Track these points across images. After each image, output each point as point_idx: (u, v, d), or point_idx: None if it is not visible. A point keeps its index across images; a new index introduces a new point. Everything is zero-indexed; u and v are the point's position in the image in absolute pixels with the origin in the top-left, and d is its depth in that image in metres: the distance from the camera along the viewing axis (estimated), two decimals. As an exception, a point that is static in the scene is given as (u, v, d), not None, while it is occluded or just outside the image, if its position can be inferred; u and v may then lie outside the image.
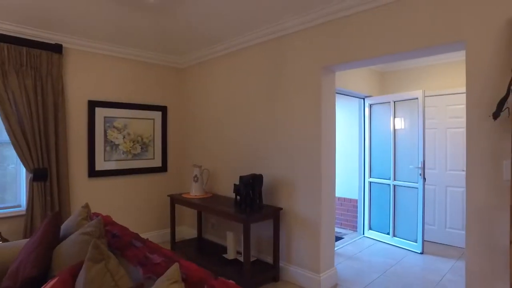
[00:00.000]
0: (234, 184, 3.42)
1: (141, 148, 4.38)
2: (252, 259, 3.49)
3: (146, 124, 4.42)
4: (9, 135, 3.25)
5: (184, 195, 4.00)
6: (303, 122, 3.23)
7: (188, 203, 3.79)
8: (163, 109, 4.60)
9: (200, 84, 4.53)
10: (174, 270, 1.40)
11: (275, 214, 3.29)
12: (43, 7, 3.20)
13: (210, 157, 4.36)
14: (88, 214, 2.36)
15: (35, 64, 3.45)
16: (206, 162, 4.42)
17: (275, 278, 3.29)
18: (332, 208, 3.24)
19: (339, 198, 5.31)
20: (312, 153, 3.15)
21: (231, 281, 1.40)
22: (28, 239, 2.42)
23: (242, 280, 2.98)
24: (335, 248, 4.25)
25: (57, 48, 3.62)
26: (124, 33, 3.90)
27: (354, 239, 4.69)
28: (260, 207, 3.31)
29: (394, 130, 4.46)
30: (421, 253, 4.09)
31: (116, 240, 2.04)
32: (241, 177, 3.26)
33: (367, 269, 3.65)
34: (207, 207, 3.52)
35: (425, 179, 4.11)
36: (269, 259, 3.48)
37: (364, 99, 4.80)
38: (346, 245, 4.47)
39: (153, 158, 4.50)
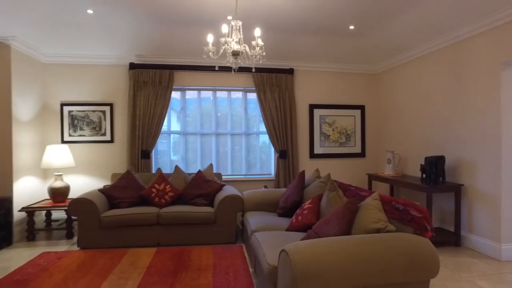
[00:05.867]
0: (420, 164, 4.30)
1: (345, 138, 5.79)
2: (434, 226, 4.28)
3: (349, 120, 5.80)
4: (266, 128, 5.29)
5: (379, 174, 5.13)
6: (482, 112, 3.78)
7: (383, 179, 4.91)
8: (361, 108, 5.87)
9: (391, 85, 5.53)
10: (375, 194, 2.64)
11: (456, 189, 3.99)
12: (287, 48, 5.06)
13: (400, 144, 5.31)
14: (318, 174, 3.91)
15: (279, 83, 5.38)
16: (397, 148, 5.39)
17: (457, 243, 3.99)
18: (514, 187, 3.66)
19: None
20: (491, 139, 3.68)
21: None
22: (286, 188, 4.20)
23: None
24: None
25: (291, 71, 5.46)
26: (330, 53, 5.38)
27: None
28: (442, 183, 4.07)
29: None
30: None
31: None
32: (426, 158, 4.12)
33: None
34: (398, 181, 4.55)
35: None
36: (451, 228, 4.19)
37: None
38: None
39: (354, 146, 5.83)
